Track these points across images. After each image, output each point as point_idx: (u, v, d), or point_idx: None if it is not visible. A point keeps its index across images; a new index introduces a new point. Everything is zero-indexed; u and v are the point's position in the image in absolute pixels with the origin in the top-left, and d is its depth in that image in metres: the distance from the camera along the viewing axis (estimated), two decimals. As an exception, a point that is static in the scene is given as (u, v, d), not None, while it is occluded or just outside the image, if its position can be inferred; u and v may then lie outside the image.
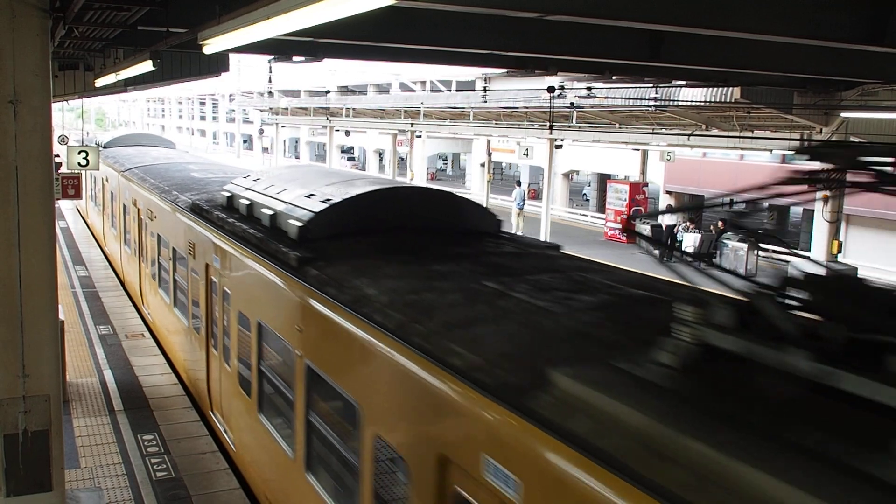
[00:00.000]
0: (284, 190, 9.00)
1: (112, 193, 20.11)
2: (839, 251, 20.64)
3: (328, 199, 7.92)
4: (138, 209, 15.65)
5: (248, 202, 9.38)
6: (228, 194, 10.31)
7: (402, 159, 48.83)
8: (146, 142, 26.08)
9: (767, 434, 2.89)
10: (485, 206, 8.81)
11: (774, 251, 26.52)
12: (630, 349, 3.94)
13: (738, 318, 3.34)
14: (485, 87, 33.64)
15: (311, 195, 8.25)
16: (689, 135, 24.09)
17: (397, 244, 7.21)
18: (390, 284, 5.87)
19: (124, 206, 17.67)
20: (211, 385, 9.95)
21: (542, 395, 3.72)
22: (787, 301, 3.39)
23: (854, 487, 2.51)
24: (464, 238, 7.73)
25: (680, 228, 27.61)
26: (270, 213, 8.45)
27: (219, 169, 17.42)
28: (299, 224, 7.60)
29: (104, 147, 23.04)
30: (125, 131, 37.83)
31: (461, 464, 4.19)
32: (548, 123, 25.03)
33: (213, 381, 9.83)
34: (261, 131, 64.87)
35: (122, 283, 18.76)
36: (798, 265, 3.86)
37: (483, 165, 44.52)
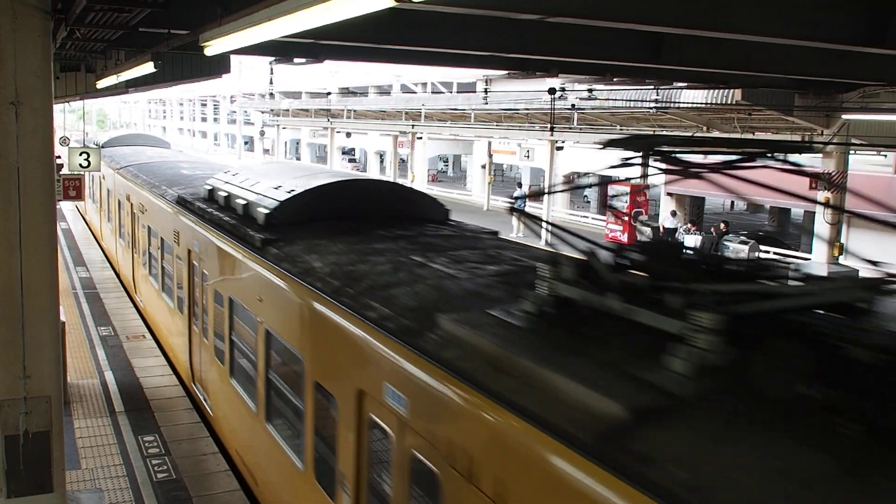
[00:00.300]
0: (257, 183, 10.03)
1: (108, 190, 20.89)
2: (840, 253, 20.63)
3: (292, 190, 8.99)
4: (131, 204, 16.48)
5: (225, 194, 10.41)
6: (210, 188, 11.27)
7: (403, 161, 48.88)
8: (142, 142, 26.98)
9: (579, 352, 4.04)
10: (434, 197, 10.07)
11: (775, 252, 26.46)
12: (507, 302, 5.04)
13: (580, 274, 4.50)
14: (486, 89, 33.65)
15: (279, 187, 9.31)
16: (690, 136, 24.10)
17: (348, 228, 8.19)
18: (333, 259, 6.95)
19: (119, 202, 18.41)
20: (192, 359, 10.95)
21: (429, 335, 4.88)
22: (618, 261, 4.59)
23: (625, 386, 3.58)
24: (409, 224, 8.69)
25: (681, 231, 27.59)
26: (244, 202, 9.47)
27: (207, 166, 18.28)
28: (266, 212, 8.64)
29: (102, 146, 23.75)
30: (123, 132, 38.94)
31: (372, 394, 5.37)
32: (549, 125, 25.03)
33: (194, 355, 10.83)
34: (262, 133, 64.94)
35: (118, 276, 19.43)
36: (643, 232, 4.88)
37: (484, 167, 44.54)
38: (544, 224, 5.62)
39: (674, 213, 28.90)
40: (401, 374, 4.93)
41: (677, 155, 4.86)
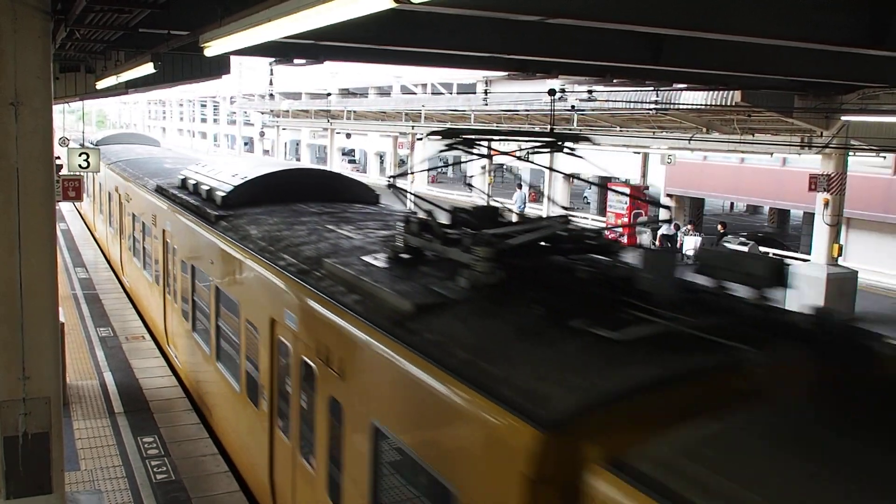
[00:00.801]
0: (220, 172, 11.95)
1: (100, 184, 22.70)
2: (839, 254, 20.63)
3: (245, 177, 10.94)
4: (119, 195, 18.41)
5: (194, 182, 12.35)
6: (182, 177, 13.22)
7: (403, 162, 48.86)
8: (133, 140, 28.71)
9: (405, 278, 5.98)
10: (365, 183, 12.14)
11: (774, 253, 26.60)
12: (379, 252, 6.98)
13: (422, 230, 6.45)
14: (486, 90, 33.65)
15: (236, 175, 11.21)
16: (690, 138, 24.10)
17: (285, 207, 10.06)
18: (266, 229, 8.86)
19: (109, 194, 20.28)
20: (166, 323, 12.98)
21: (314, 274, 6.84)
22: (449, 220, 6.73)
23: (421, 294, 5.47)
24: (338, 204, 10.49)
25: (680, 232, 27.60)
26: (207, 188, 11.35)
27: (186, 160, 19.70)
28: (222, 194, 10.56)
29: (96, 144, 25.27)
30: (116, 131, 41.44)
31: (278, 320, 7.21)
32: (548, 126, 25.03)
33: (168, 319, 12.83)
34: (262, 133, 64.95)
35: (109, 262, 21.34)
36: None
37: (483, 168, 44.56)
38: (410, 196, 7.87)
39: (669, 220, 28.87)
40: (293, 302, 6.87)
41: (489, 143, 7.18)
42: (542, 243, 6.14)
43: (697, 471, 3.09)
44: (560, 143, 6.94)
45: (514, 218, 7.31)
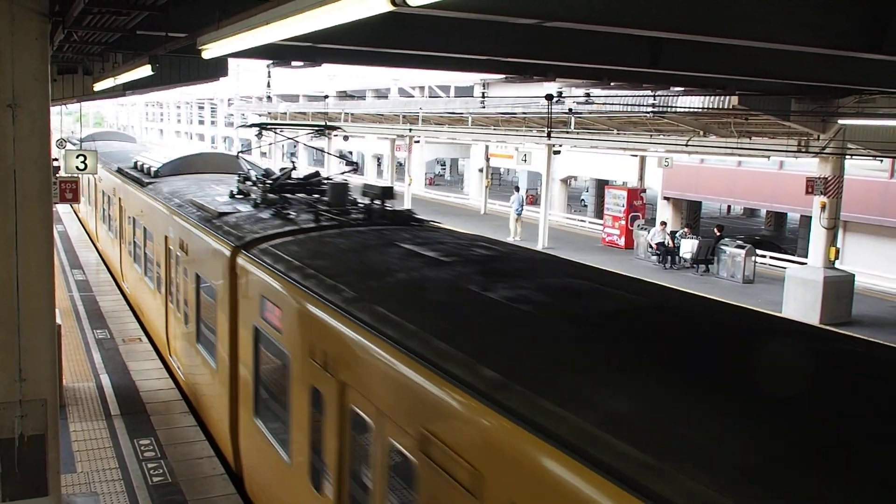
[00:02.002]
0: (158, 156, 18.16)
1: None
2: (836, 258, 20.66)
3: (169, 158, 16.92)
4: (94, 178, 22.98)
5: (141, 163, 17.85)
6: (134, 161, 18.75)
7: (401, 164, 48.87)
8: (112, 137, 34.81)
9: (228, 204, 10.84)
10: (242, 161, 16.72)
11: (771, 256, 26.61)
12: (224, 196, 11.78)
13: (246, 182, 11.80)
14: (483, 93, 33.66)
15: (166, 157, 17.25)
16: (687, 141, 24.13)
17: (192, 177, 15.09)
18: (174, 188, 13.61)
19: (88, 180, 24.41)
20: (122, 270, 17.95)
21: (187, 207, 11.42)
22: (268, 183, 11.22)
23: (226, 207, 10.62)
24: (221, 175, 15.36)
25: (678, 235, 27.62)
26: (147, 166, 16.94)
27: (146, 150, 23.97)
28: (155, 169, 16.18)
29: (81, 141, 28.02)
30: (99, 130, 50.20)
31: (168, 235, 11.74)
32: (546, 129, 25.05)
33: (124, 267, 17.70)
34: (259, 136, 64.78)
35: (86, 229, 26.59)
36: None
37: (481, 171, 44.56)
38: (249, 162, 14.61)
39: (664, 224, 28.86)
40: (175, 222, 11.33)
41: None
42: (299, 189, 11.41)
43: (278, 253, 7.61)
44: (326, 131, 13.90)
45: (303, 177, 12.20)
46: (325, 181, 11.48)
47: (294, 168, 12.43)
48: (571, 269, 6.73)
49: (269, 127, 12.36)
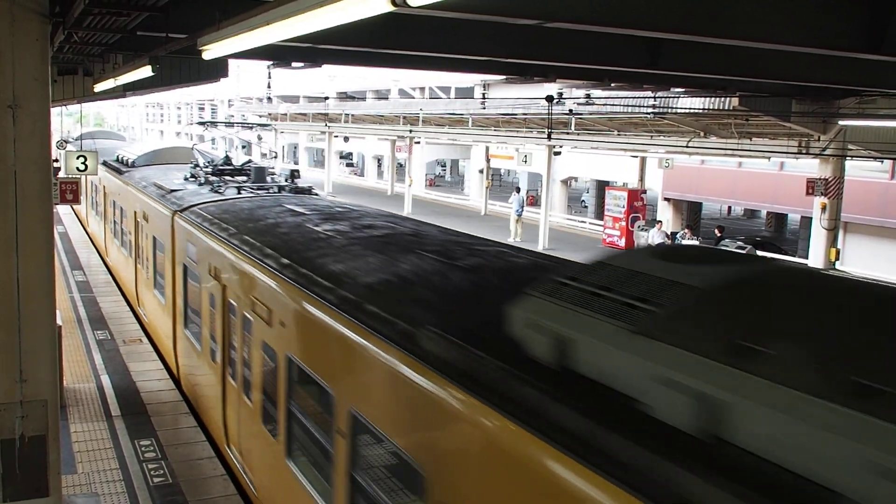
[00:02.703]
0: (136, 150, 21.35)
1: None
2: (837, 258, 20.65)
3: (144, 151, 20.28)
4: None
5: (122, 156, 20.80)
6: (118, 155, 21.54)
7: (401, 165, 48.88)
8: (104, 136, 37.05)
9: (180, 183, 14.17)
10: (197, 153, 18.18)
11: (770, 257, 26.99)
12: (181, 180, 14.74)
13: (196, 167, 15.49)
14: (483, 94, 33.66)
15: (142, 150, 20.70)
16: (688, 142, 24.13)
17: (162, 167, 18.07)
18: (145, 175, 16.53)
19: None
20: (108, 249, 20.87)
21: (150, 187, 14.93)
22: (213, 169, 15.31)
23: (178, 185, 14.09)
24: (185, 165, 17.16)
25: (678, 235, 27.62)
26: (125, 158, 20.06)
27: (129, 146, 28.07)
28: (131, 160, 19.20)
29: (76, 139, 31.88)
30: (92, 129, 50.90)
31: (137, 210, 15.31)
32: (546, 130, 25.06)
33: (109, 248, 20.64)
34: (259, 137, 64.88)
35: (82, 223, 28.88)
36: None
37: (482, 172, 44.55)
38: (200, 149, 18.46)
39: (659, 223, 28.85)
40: (142, 198, 14.55)
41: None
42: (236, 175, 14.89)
43: (201, 213, 10.70)
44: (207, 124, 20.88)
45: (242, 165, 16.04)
46: (251, 165, 15.76)
47: (250, 160, 17.67)
48: (386, 218, 9.39)
49: (213, 123, 20.88)
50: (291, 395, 6.54)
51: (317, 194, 13.45)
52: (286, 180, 14.08)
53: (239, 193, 12.34)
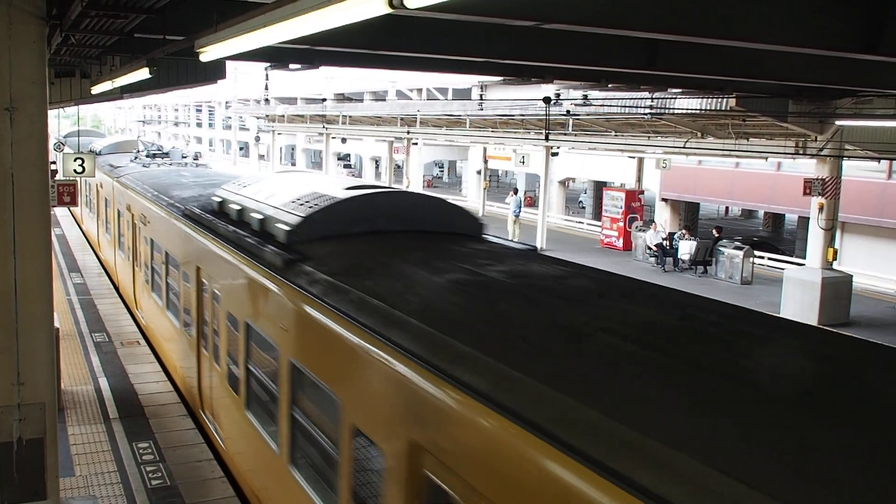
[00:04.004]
0: (105, 142, 29.69)
1: None
2: (834, 258, 20.68)
3: (108, 143, 29.10)
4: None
5: (92, 146, 25.47)
6: (90, 147, 25.08)
7: (399, 167, 48.89)
8: (85, 134, 39.09)
9: (121, 172, 19.04)
10: (139, 144, 25.61)
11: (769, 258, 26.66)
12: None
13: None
14: (481, 95, 33.67)
15: (108, 142, 29.46)
16: (685, 142, 24.15)
17: (120, 154, 24.25)
18: (106, 160, 22.42)
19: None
20: (98, 234, 23.07)
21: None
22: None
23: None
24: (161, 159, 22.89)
25: (676, 236, 27.64)
26: (94, 148, 25.07)
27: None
28: (98, 150, 25.17)
29: (64, 137, 34.79)
30: (79, 128, 55.37)
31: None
32: (544, 131, 25.07)
33: (99, 231, 22.73)
34: (257, 138, 64.90)
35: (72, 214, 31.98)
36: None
37: (479, 173, 44.56)
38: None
39: (654, 224, 28.88)
40: (100, 177, 21.24)
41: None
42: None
43: (129, 178, 17.49)
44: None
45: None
46: (171, 150, 23.64)
47: (174, 147, 26.72)
48: (223, 176, 14.44)
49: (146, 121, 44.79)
50: (162, 275, 12.52)
51: (205, 165, 22.58)
52: (193, 159, 23.49)
53: (157, 166, 20.00)
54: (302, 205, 7.86)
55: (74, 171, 16.79)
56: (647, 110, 20.94)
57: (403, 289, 5.55)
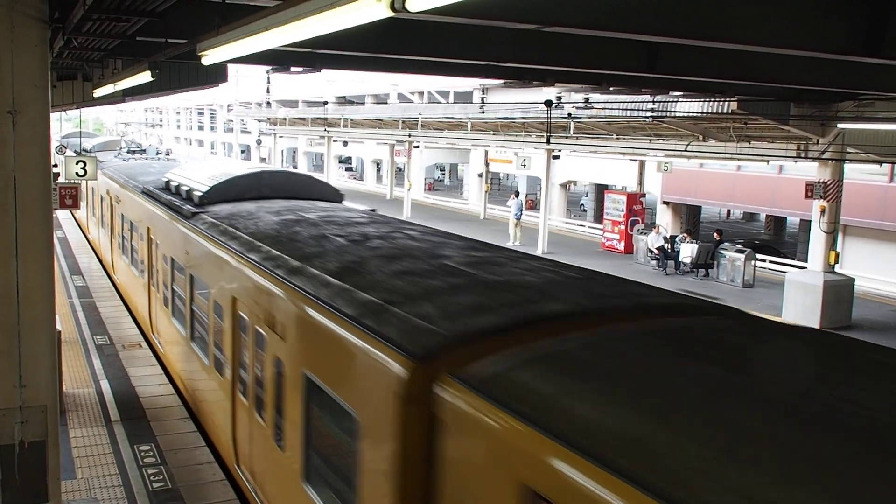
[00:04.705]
0: (95, 141, 36.50)
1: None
2: (836, 261, 20.66)
3: (98, 142, 36.23)
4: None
5: (84, 146, 26.02)
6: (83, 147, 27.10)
7: (400, 169, 48.89)
8: (84, 136, 42.63)
9: (108, 165, 22.26)
10: (122, 143, 30.34)
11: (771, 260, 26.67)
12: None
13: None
14: (482, 98, 33.69)
15: (97, 141, 37.06)
16: (687, 146, 24.15)
17: (108, 151, 29.13)
18: (114, 164, 23.28)
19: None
20: (88, 222, 25.65)
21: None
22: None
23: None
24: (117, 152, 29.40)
25: (678, 239, 27.62)
26: (86, 147, 26.07)
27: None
28: (89, 148, 26.28)
29: (63, 137, 38.95)
30: (74, 130, 58.08)
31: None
32: (545, 134, 25.09)
33: (88, 219, 25.49)
34: (258, 142, 64.94)
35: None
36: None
37: (481, 176, 44.55)
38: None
39: (656, 227, 28.86)
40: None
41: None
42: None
43: (112, 170, 20.84)
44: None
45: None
46: (146, 147, 29.44)
47: (150, 144, 31.99)
48: (173, 162, 19.14)
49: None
50: (129, 239, 15.67)
51: (174, 160, 26.57)
52: (165, 155, 29.78)
53: (135, 160, 25.10)
54: (212, 179, 12.17)
55: (76, 173, 16.81)
56: (649, 113, 20.95)
57: (254, 225, 9.27)
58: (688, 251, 26.48)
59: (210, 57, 6.96)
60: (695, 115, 19.69)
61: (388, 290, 5.74)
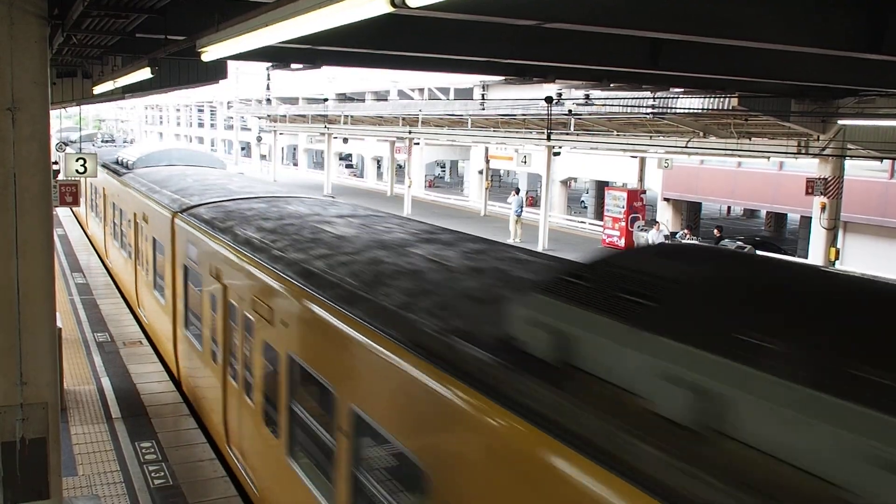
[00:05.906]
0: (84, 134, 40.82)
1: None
2: (837, 258, 20.65)
3: (82, 135, 35.03)
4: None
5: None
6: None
7: (401, 166, 48.87)
8: (71, 130, 45.86)
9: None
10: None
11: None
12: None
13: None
14: (483, 95, 33.67)
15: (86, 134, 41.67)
16: (687, 142, 24.13)
17: (102, 148, 31.04)
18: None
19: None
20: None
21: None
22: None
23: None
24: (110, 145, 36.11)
25: (678, 236, 27.61)
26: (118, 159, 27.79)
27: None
28: (73, 140, 31.26)
29: (60, 132, 41.35)
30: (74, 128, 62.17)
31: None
32: (546, 131, 25.07)
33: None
34: (259, 139, 64.97)
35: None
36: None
37: (481, 173, 44.55)
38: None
39: (657, 224, 28.86)
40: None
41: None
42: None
43: (106, 161, 22.02)
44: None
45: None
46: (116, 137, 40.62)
47: (133, 140, 43.60)
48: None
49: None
50: (98, 206, 20.79)
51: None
52: (131, 142, 38.89)
53: (106, 147, 28.60)
54: (141, 152, 19.65)
55: (76, 171, 16.80)
56: (650, 110, 20.93)
57: (161, 179, 14.90)
58: (688, 248, 26.43)
59: (210, 53, 6.95)
60: (695, 111, 19.68)
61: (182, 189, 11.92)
